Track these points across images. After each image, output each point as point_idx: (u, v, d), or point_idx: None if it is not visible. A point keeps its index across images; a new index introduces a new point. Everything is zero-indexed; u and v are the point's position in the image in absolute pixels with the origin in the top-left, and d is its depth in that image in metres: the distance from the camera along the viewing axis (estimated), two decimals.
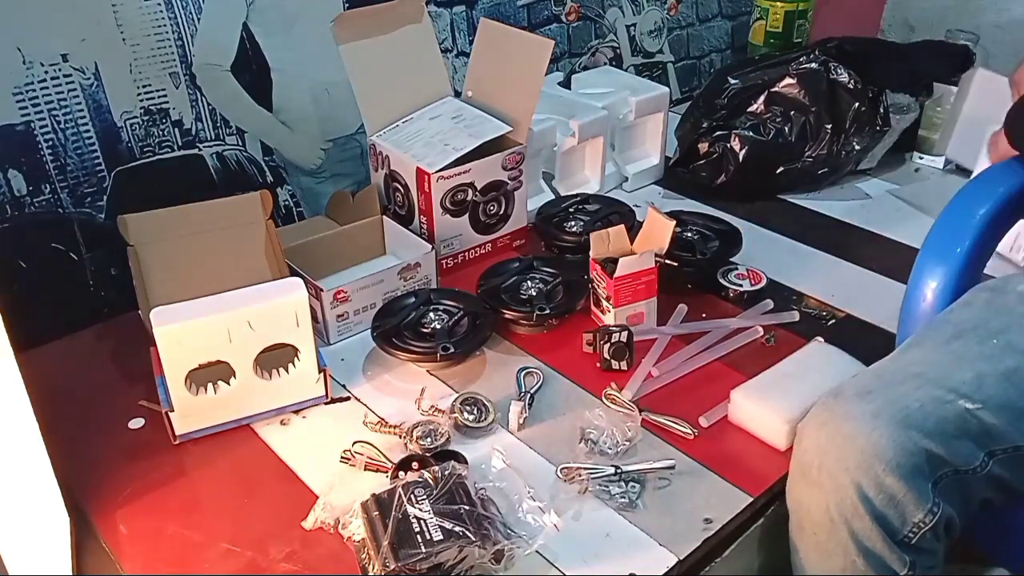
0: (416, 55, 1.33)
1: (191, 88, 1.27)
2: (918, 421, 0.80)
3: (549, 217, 1.34)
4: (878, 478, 0.78)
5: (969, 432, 0.81)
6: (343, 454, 0.94)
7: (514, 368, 1.08)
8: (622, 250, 1.13)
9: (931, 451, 0.79)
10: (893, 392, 0.83)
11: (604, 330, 1.07)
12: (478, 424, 0.98)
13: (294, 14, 1.33)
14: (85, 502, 0.91)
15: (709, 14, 1.98)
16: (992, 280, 0.99)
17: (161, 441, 0.98)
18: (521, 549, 0.82)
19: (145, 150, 1.24)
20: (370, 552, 0.81)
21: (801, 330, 1.13)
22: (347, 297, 1.13)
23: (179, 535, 0.87)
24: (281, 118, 1.37)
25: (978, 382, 0.83)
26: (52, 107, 1.15)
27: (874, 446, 0.78)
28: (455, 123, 1.30)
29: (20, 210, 1.15)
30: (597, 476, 0.91)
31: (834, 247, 1.34)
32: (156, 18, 1.21)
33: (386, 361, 1.09)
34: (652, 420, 0.99)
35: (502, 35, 1.31)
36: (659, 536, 0.86)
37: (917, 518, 0.79)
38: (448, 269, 1.29)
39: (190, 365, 0.93)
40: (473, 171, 1.24)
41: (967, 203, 1.02)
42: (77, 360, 1.13)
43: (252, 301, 0.94)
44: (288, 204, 1.42)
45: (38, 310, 1.17)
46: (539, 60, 1.25)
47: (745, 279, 1.22)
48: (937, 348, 0.88)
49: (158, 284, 1.10)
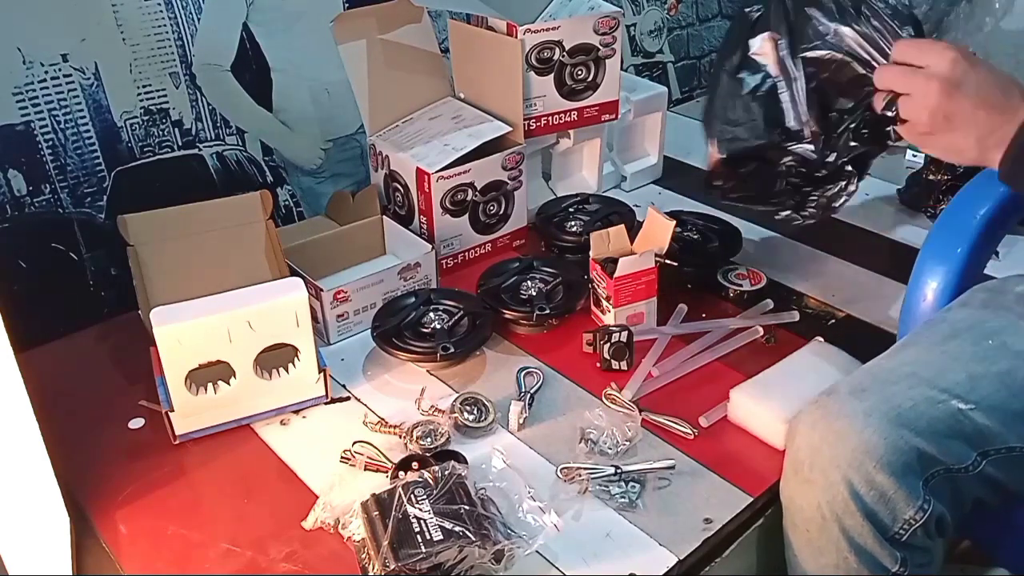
0: (416, 55, 1.33)
1: (191, 88, 1.27)
2: (910, 420, 0.80)
3: (549, 217, 1.34)
4: (869, 475, 0.78)
5: (961, 432, 0.81)
6: (343, 454, 0.94)
7: (514, 368, 1.08)
8: (622, 250, 1.13)
9: (922, 450, 0.79)
10: (886, 391, 0.83)
11: (604, 330, 1.07)
12: (478, 424, 0.98)
13: (294, 14, 1.33)
14: (85, 502, 0.91)
15: (709, 14, 1.98)
16: (991, 281, 0.99)
17: (161, 441, 0.98)
18: (521, 549, 0.82)
19: (145, 150, 1.24)
20: (370, 552, 0.81)
21: (801, 330, 1.13)
22: (347, 297, 1.13)
23: (179, 535, 0.87)
24: (281, 118, 1.37)
25: (971, 383, 0.83)
26: (52, 107, 1.15)
27: (865, 444, 0.78)
28: (455, 123, 1.30)
29: (20, 210, 1.15)
30: (597, 476, 0.91)
31: (834, 247, 1.34)
32: (156, 18, 1.21)
33: (386, 361, 1.09)
34: (652, 420, 0.99)
35: (474, 36, 1.31)
36: (659, 536, 0.86)
37: (908, 515, 0.79)
38: (448, 269, 1.29)
39: (190, 365, 0.93)
40: (473, 171, 1.25)
41: (967, 203, 1.02)
42: (77, 360, 1.13)
43: (252, 301, 0.94)
44: (288, 204, 1.42)
45: (38, 310, 1.17)
46: (513, 59, 1.24)
47: (745, 279, 1.22)
48: (932, 348, 0.88)
49: (158, 284, 1.10)
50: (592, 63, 1.30)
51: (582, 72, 1.29)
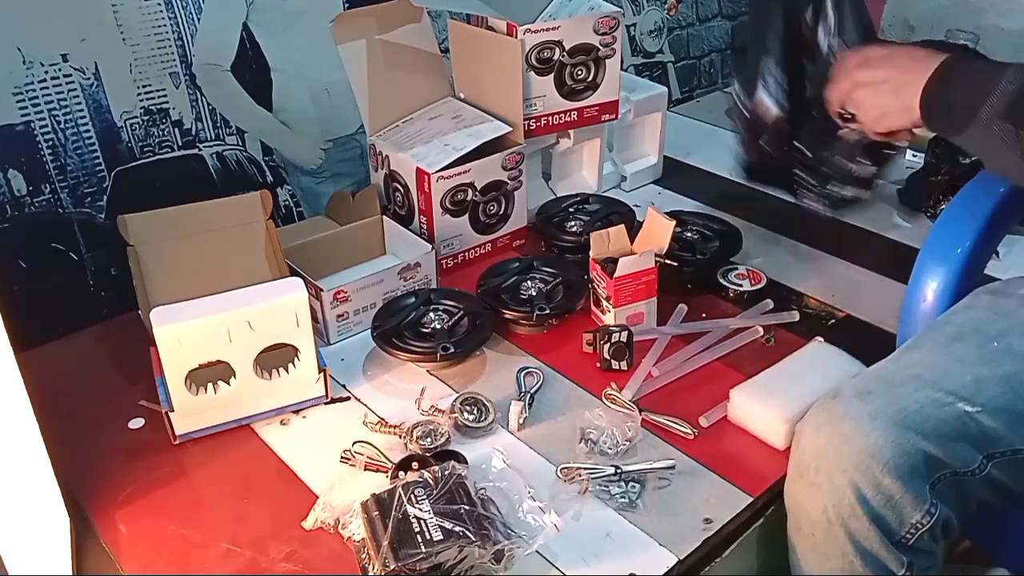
0: (416, 55, 1.33)
1: (191, 88, 1.27)
2: (916, 423, 0.80)
3: (549, 217, 1.34)
4: (875, 479, 0.78)
5: (967, 435, 0.81)
6: (343, 454, 0.94)
7: (514, 368, 1.08)
8: (622, 250, 1.13)
9: (929, 453, 0.79)
10: (892, 393, 0.83)
11: (604, 330, 1.07)
12: (478, 424, 0.98)
13: (294, 14, 1.33)
14: (85, 502, 0.91)
15: (709, 14, 1.98)
16: (995, 283, 0.99)
17: (161, 441, 0.98)
18: (521, 549, 0.82)
19: (145, 150, 1.24)
20: (370, 552, 0.81)
21: (801, 330, 1.13)
22: (347, 297, 1.13)
23: (179, 535, 0.87)
24: (281, 118, 1.37)
25: (977, 385, 0.83)
26: (52, 107, 1.15)
27: (872, 447, 0.78)
28: (455, 123, 1.30)
29: (20, 210, 1.15)
30: (597, 476, 0.91)
31: (834, 247, 1.34)
32: (156, 18, 1.21)
33: (386, 361, 1.09)
34: (652, 420, 0.99)
35: (474, 36, 1.31)
36: (659, 536, 0.86)
37: (915, 519, 0.79)
38: (448, 269, 1.29)
39: (190, 365, 0.93)
40: (473, 171, 1.24)
41: (967, 203, 1.02)
42: (77, 360, 1.13)
43: (252, 301, 0.94)
44: (288, 204, 1.42)
45: (38, 310, 1.17)
46: (513, 59, 1.24)
47: (745, 279, 1.22)
48: (937, 350, 0.88)
49: (158, 284, 1.10)
50: (592, 63, 1.30)
51: (582, 72, 1.29)
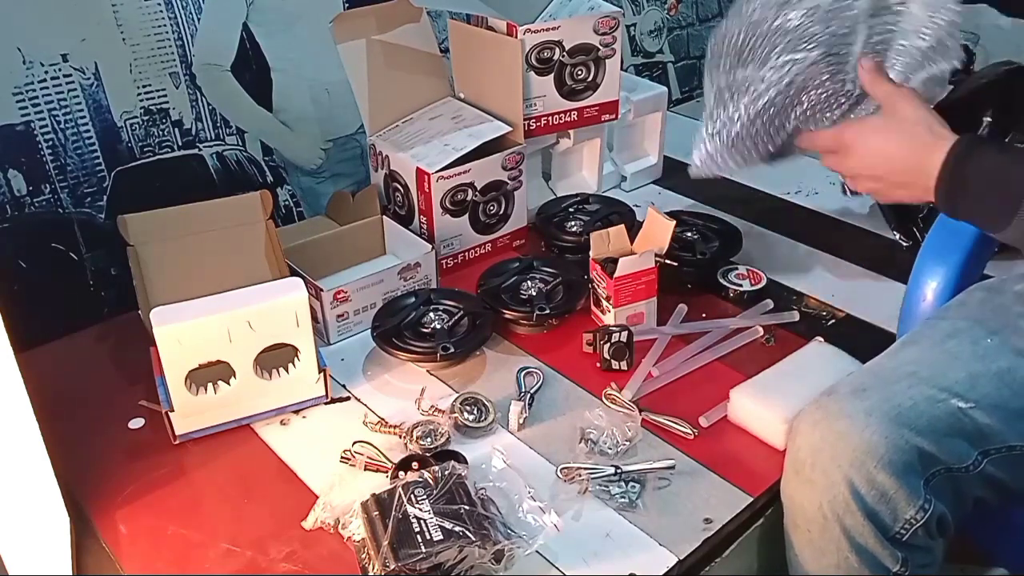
0: (416, 55, 1.33)
1: (191, 88, 1.27)
2: (910, 419, 0.80)
3: (549, 217, 1.34)
4: (870, 475, 0.78)
5: (962, 431, 0.81)
6: (343, 454, 0.94)
7: (514, 368, 1.08)
8: (622, 250, 1.13)
9: (923, 449, 0.79)
10: (887, 390, 0.83)
11: (604, 330, 1.07)
12: (478, 424, 0.98)
13: (294, 14, 1.33)
14: (85, 502, 0.91)
15: (709, 14, 1.98)
16: (989, 280, 0.99)
17: (161, 441, 0.98)
18: (521, 549, 0.82)
19: (145, 150, 1.24)
20: (370, 552, 0.81)
21: (801, 330, 1.13)
22: (347, 297, 1.13)
23: (179, 535, 0.87)
24: (281, 118, 1.37)
25: (971, 381, 0.83)
26: (52, 107, 1.15)
27: (866, 443, 0.78)
28: (455, 123, 1.30)
29: (20, 210, 1.15)
30: (597, 476, 0.91)
31: (834, 247, 1.34)
32: (156, 18, 1.21)
33: (386, 361, 1.09)
34: (652, 420, 0.99)
35: (474, 36, 1.31)
36: (659, 536, 0.86)
37: (908, 515, 0.79)
38: (448, 269, 1.29)
39: (190, 365, 0.93)
40: (473, 171, 1.24)
41: None
42: (77, 360, 1.13)
43: (252, 301, 0.94)
44: (288, 204, 1.42)
45: (38, 310, 1.17)
46: (513, 59, 1.24)
47: (745, 279, 1.22)
48: (931, 347, 0.88)
49: (158, 284, 1.10)
50: (592, 63, 1.30)
51: (582, 72, 1.29)
